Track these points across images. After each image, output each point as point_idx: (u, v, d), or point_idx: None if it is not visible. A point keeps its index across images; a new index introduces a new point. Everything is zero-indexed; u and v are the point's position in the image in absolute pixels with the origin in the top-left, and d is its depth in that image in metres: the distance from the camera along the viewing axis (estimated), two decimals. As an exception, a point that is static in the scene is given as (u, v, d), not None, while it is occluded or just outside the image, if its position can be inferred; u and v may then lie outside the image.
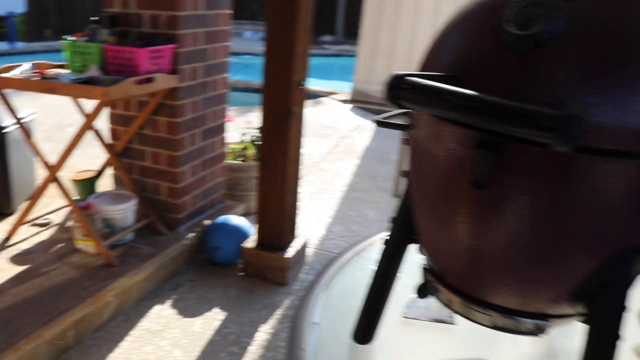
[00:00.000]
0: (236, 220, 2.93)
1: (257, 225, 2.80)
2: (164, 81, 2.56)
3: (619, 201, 0.56)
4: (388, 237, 0.83)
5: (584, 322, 0.67)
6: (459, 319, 0.93)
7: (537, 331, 0.68)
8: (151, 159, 2.86)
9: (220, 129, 3.11)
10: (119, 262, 2.50)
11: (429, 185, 0.67)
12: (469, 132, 0.57)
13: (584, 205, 0.56)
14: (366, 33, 2.77)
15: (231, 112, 3.83)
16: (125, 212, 2.66)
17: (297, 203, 2.84)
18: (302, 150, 2.75)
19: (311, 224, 3.55)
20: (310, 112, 6.85)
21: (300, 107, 2.60)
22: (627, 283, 0.61)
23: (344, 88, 7.97)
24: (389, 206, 3.85)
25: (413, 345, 0.89)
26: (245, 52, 11.34)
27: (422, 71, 0.67)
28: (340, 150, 5.41)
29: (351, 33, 17.14)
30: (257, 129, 3.54)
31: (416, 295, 0.81)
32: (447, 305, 0.74)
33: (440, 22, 0.74)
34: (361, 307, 0.86)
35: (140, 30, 2.64)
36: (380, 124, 0.81)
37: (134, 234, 2.75)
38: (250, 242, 2.82)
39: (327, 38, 15.64)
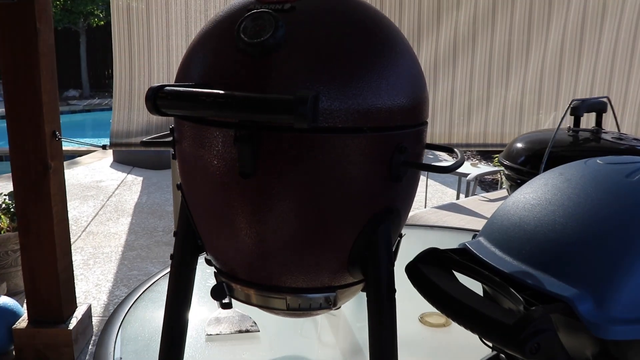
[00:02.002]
0: (-1, 300, 2.76)
1: (28, 300, 2.67)
2: None
3: (363, 170, 0.72)
4: (173, 252, 0.87)
5: (364, 289, 0.81)
6: (262, 326, 1.07)
7: (327, 305, 0.80)
8: None
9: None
10: None
11: (203, 189, 0.76)
12: (227, 131, 0.70)
13: (335, 179, 0.71)
14: (119, 86, 2.84)
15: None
16: None
17: (72, 267, 2.78)
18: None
19: (91, 292, 3.46)
20: (68, 174, 6.60)
21: (59, 160, 2.58)
22: (388, 239, 0.76)
23: (100, 144, 7.84)
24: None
25: (221, 358, 0.96)
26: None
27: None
28: (109, 210, 5.31)
29: (99, 85, 16.77)
30: (8, 194, 3.36)
31: (218, 307, 0.89)
32: (247, 301, 0.82)
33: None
34: (162, 329, 0.90)
35: None
36: (145, 144, 0.87)
37: None
38: (22, 322, 2.67)
39: (73, 93, 15.07)
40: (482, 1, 3.05)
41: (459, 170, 4.55)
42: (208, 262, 0.88)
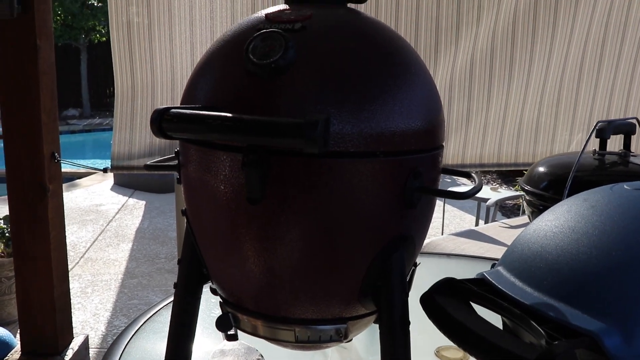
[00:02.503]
0: (-9, 330, 2.77)
1: (21, 331, 2.67)
2: None
3: (375, 196, 0.73)
4: (177, 281, 0.88)
5: (376, 321, 0.81)
6: (269, 359, 1.07)
7: (338, 337, 0.80)
8: None
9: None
10: None
11: (209, 215, 0.77)
12: (235, 155, 0.71)
13: (347, 205, 0.72)
14: (121, 105, 2.84)
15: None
16: None
17: (69, 296, 2.78)
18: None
19: (89, 322, 3.46)
20: (66, 197, 6.63)
21: (58, 183, 2.59)
22: (402, 268, 0.76)
23: (101, 166, 7.92)
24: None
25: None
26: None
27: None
28: (109, 236, 5.33)
29: (100, 104, 16.91)
30: (3, 218, 3.39)
31: (223, 339, 0.89)
32: (253, 333, 0.83)
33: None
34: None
35: None
36: (149, 167, 0.89)
37: None
38: (15, 354, 2.67)
39: (73, 112, 15.21)
40: (502, 15, 3.07)
41: (478, 195, 4.55)
42: (213, 291, 0.88)
